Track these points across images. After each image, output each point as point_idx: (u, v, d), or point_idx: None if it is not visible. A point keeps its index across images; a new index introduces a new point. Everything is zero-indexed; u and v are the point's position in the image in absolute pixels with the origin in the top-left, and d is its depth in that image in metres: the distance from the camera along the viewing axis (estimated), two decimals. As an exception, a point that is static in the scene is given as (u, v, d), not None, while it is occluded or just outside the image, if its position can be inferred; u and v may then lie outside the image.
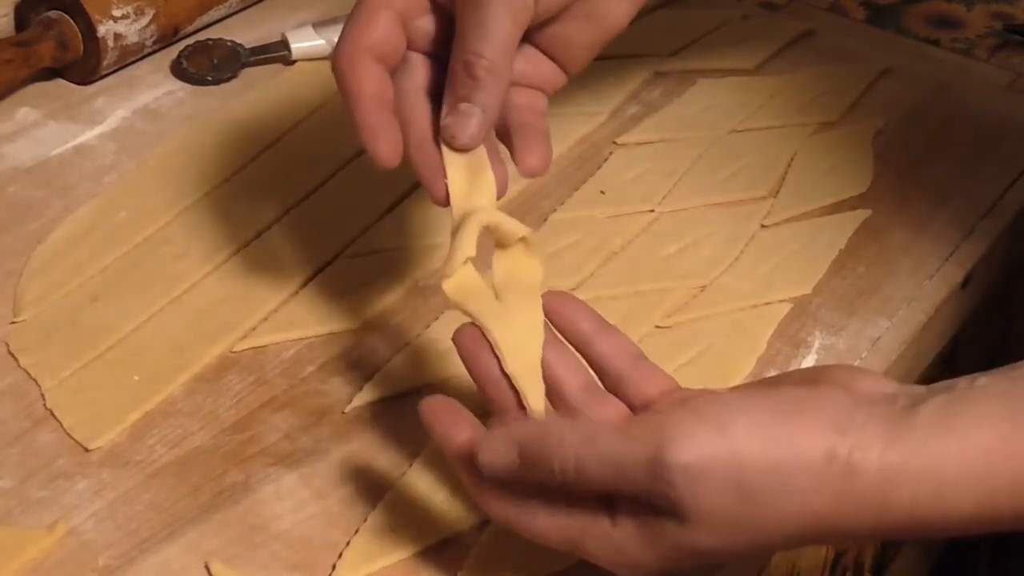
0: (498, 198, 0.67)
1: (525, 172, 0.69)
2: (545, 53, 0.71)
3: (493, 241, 0.66)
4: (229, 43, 0.97)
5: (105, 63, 0.93)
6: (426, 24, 0.69)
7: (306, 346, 0.76)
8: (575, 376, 0.64)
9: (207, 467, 0.70)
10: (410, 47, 0.69)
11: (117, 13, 0.92)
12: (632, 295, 0.80)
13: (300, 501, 0.68)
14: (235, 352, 0.76)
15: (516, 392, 0.62)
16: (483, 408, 0.63)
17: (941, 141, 0.93)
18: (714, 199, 0.87)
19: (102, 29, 0.91)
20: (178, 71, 0.96)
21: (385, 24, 0.67)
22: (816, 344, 0.78)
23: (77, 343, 0.75)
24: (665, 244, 0.84)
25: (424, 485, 0.69)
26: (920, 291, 0.82)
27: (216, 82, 0.95)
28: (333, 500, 0.68)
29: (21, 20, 0.94)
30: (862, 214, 0.86)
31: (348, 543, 0.66)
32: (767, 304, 0.80)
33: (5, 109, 0.92)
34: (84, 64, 0.93)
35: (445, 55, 0.68)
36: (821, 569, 0.81)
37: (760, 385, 0.64)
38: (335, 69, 0.68)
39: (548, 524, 0.60)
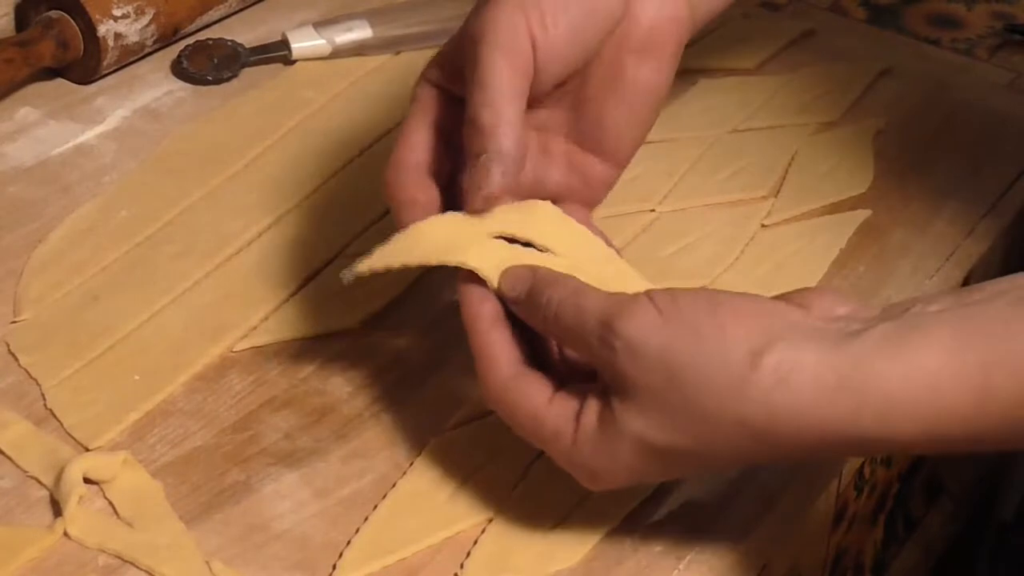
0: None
1: None
2: (583, 147, 0.70)
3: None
4: (229, 43, 0.97)
5: (105, 63, 0.93)
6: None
7: (306, 346, 0.76)
8: None
9: (207, 467, 0.70)
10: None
11: (117, 13, 0.92)
12: (632, 295, 0.80)
13: (300, 501, 0.68)
14: (235, 352, 0.76)
15: None
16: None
17: (941, 141, 0.93)
18: (714, 199, 0.87)
19: (102, 29, 0.91)
20: (178, 71, 0.96)
21: (425, 145, 0.68)
22: (816, 344, 0.78)
23: (77, 343, 0.75)
24: (665, 244, 0.83)
25: (424, 484, 0.69)
26: (920, 291, 0.81)
27: (216, 82, 0.95)
28: (333, 500, 0.68)
29: (21, 20, 0.94)
30: (862, 214, 0.86)
31: (348, 543, 0.66)
32: (767, 304, 0.80)
33: (5, 109, 0.92)
34: (84, 64, 0.93)
35: None
36: (822, 568, 0.80)
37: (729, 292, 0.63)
38: (384, 186, 0.68)
39: (529, 409, 0.62)
